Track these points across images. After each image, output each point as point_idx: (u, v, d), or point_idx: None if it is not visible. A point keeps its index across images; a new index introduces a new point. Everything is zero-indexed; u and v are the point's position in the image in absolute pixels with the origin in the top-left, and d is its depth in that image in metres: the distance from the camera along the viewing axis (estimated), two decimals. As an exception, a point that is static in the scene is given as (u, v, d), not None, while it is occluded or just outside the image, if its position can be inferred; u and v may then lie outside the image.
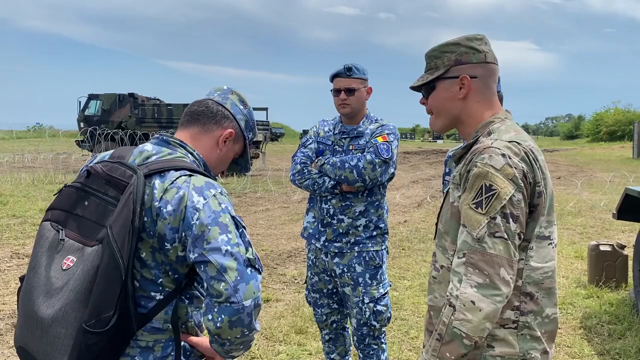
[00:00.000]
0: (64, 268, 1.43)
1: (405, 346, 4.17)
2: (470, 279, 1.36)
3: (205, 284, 1.45)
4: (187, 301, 1.56)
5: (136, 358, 1.49)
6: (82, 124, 20.28)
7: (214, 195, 1.49)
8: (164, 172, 1.50)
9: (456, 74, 1.56)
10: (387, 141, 2.85)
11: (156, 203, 1.46)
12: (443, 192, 2.77)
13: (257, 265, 1.47)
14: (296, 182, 2.96)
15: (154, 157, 1.56)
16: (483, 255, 1.36)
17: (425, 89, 1.64)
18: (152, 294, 1.50)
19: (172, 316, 1.51)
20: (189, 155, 1.61)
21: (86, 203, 1.49)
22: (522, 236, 1.42)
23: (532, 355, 1.46)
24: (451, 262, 1.50)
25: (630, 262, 5.06)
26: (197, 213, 1.44)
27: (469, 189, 1.43)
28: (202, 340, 1.59)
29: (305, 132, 34.32)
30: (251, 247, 1.49)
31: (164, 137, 1.62)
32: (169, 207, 1.45)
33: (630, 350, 4.07)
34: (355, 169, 2.78)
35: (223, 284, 1.40)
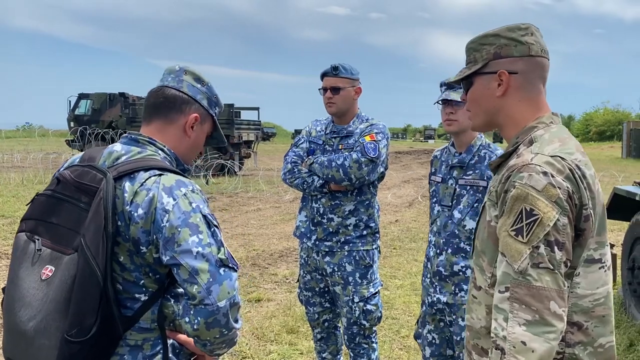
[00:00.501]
0: (43, 278, 1.42)
1: (396, 345, 4.18)
2: (518, 317, 1.22)
3: (180, 286, 1.44)
4: (172, 300, 1.55)
5: (125, 357, 1.48)
6: (72, 124, 20.13)
7: (184, 195, 1.46)
8: (133, 174, 1.47)
9: (494, 68, 1.41)
10: (374, 140, 2.84)
11: (127, 207, 1.44)
12: (430, 192, 2.76)
13: (230, 264, 1.45)
14: (287, 181, 2.98)
15: (123, 158, 1.53)
16: (529, 289, 1.22)
17: (464, 83, 1.50)
18: (137, 295, 1.49)
19: (157, 316, 1.51)
20: (160, 151, 1.57)
21: (60, 210, 1.47)
22: (568, 264, 1.28)
23: None
24: (489, 284, 1.39)
25: (619, 261, 5.11)
26: (167, 215, 1.42)
27: (507, 213, 1.28)
28: (190, 338, 1.58)
29: (297, 132, 34.30)
30: (223, 246, 1.46)
31: (133, 136, 1.59)
32: (140, 211, 1.43)
33: (619, 348, 4.11)
34: (342, 168, 2.79)
35: (196, 286, 1.39)
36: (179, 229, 1.41)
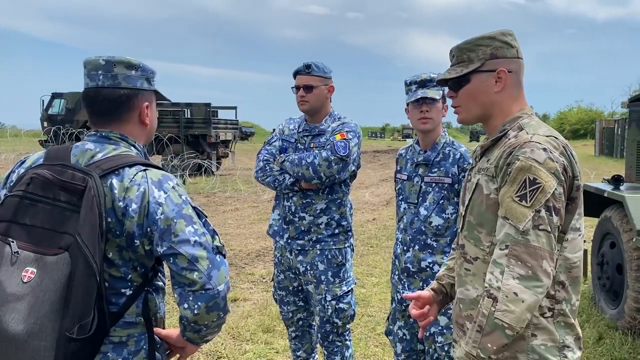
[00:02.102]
0: (24, 281, 1.40)
1: (371, 342, 4.21)
2: (513, 271, 1.38)
3: (174, 275, 1.48)
4: (154, 293, 1.59)
5: (109, 354, 1.49)
6: (45, 124, 19.75)
7: (173, 188, 1.52)
8: (118, 170, 1.49)
9: (492, 67, 1.57)
10: (345, 139, 2.83)
11: (120, 203, 1.46)
12: (395, 190, 2.78)
13: (224, 252, 1.53)
14: (259, 179, 2.98)
15: (99, 156, 1.53)
16: (527, 248, 1.39)
17: (456, 82, 1.62)
18: (122, 290, 1.51)
19: (143, 309, 1.54)
20: (132, 148, 1.60)
21: (34, 211, 1.45)
22: (560, 228, 1.45)
23: (568, 341, 1.51)
24: (487, 253, 1.53)
25: (589, 257, 5.22)
26: (161, 207, 1.47)
27: (510, 182, 1.44)
28: (171, 332, 1.62)
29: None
30: (217, 234, 1.53)
31: (104, 133, 1.59)
32: (134, 205, 1.46)
33: (588, 341, 4.20)
34: (311, 166, 2.79)
35: (196, 273, 1.45)
36: (175, 220, 1.46)
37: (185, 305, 1.47)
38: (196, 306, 1.46)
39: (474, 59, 1.59)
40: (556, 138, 1.49)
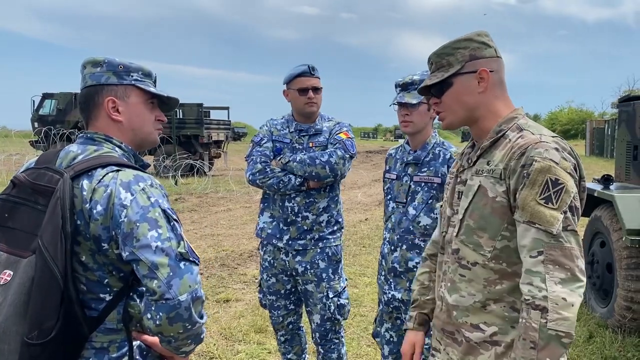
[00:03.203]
0: (1, 283, 1.40)
1: (364, 342, 4.22)
2: (554, 277, 1.34)
3: (141, 283, 1.43)
4: (138, 299, 1.52)
5: (91, 359, 1.46)
6: (36, 124, 19.59)
7: (143, 189, 1.44)
8: (90, 171, 1.45)
9: (473, 68, 1.54)
10: (349, 137, 2.95)
11: (86, 205, 1.42)
12: (384, 190, 2.79)
13: (191, 258, 1.43)
14: (257, 181, 2.88)
15: (80, 157, 1.51)
16: (562, 250, 1.35)
17: (438, 87, 1.60)
18: (101, 295, 1.47)
19: (123, 315, 1.49)
20: (117, 148, 1.56)
21: (17, 214, 1.45)
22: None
23: None
24: (489, 257, 1.48)
25: (579, 256, 5.26)
26: (125, 210, 1.40)
27: (530, 184, 1.39)
28: (157, 339, 1.55)
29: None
30: (183, 240, 1.45)
31: (89, 135, 1.57)
32: (99, 207, 1.41)
33: (579, 340, 4.23)
34: (328, 165, 2.82)
35: (156, 281, 1.37)
36: (138, 224, 1.39)
37: (148, 316, 1.41)
38: (158, 317, 1.39)
39: (454, 62, 1.56)
40: (561, 139, 1.48)
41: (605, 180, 4.74)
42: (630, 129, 5.22)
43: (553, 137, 1.46)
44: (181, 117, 18.89)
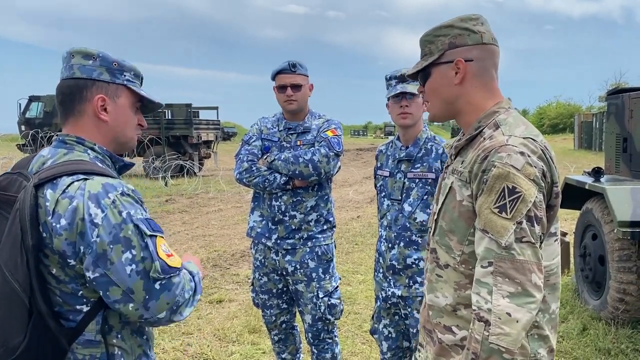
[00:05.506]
0: None
1: (358, 339, 4.20)
2: (502, 289, 1.27)
3: (107, 303, 1.36)
4: None
5: None
6: (23, 127, 19.40)
7: (113, 202, 1.34)
8: (55, 180, 1.36)
9: (450, 58, 1.45)
10: (336, 135, 2.89)
11: (49, 218, 1.32)
12: (376, 187, 2.76)
13: (168, 275, 1.38)
14: (244, 180, 2.88)
15: (49, 162, 1.42)
16: (513, 263, 1.27)
17: (421, 76, 1.52)
18: (77, 307, 1.39)
19: (102, 326, 1.41)
20: (89, 151, 1.46)
21: None
22: (543, 238, 1.33)
23: (541, 355, 1.42)
24: (459, 261, 1.43)
25: (572, 249, 5.28)
26: (97, 229, 1.31)
27: (487, 191, 1.32)
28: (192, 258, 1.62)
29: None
30: (158, 259, 1.37)
31: (61, 137, 1.48)
32: (63, 222, 1.32)
33: (573, 332, 4.24)
34: (311, 163, 2.78)
35: (131, 304, 1.34)
36: (111, 246, 1.32)
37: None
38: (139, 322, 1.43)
39: (434, 50, 1.48)
40: (534, 140, 1.36)
41: (596, 173, 4.75)
42: (619, 121, 5.24)
43: (525, 137, 1.35)
44: (170, 117, 18.78)
